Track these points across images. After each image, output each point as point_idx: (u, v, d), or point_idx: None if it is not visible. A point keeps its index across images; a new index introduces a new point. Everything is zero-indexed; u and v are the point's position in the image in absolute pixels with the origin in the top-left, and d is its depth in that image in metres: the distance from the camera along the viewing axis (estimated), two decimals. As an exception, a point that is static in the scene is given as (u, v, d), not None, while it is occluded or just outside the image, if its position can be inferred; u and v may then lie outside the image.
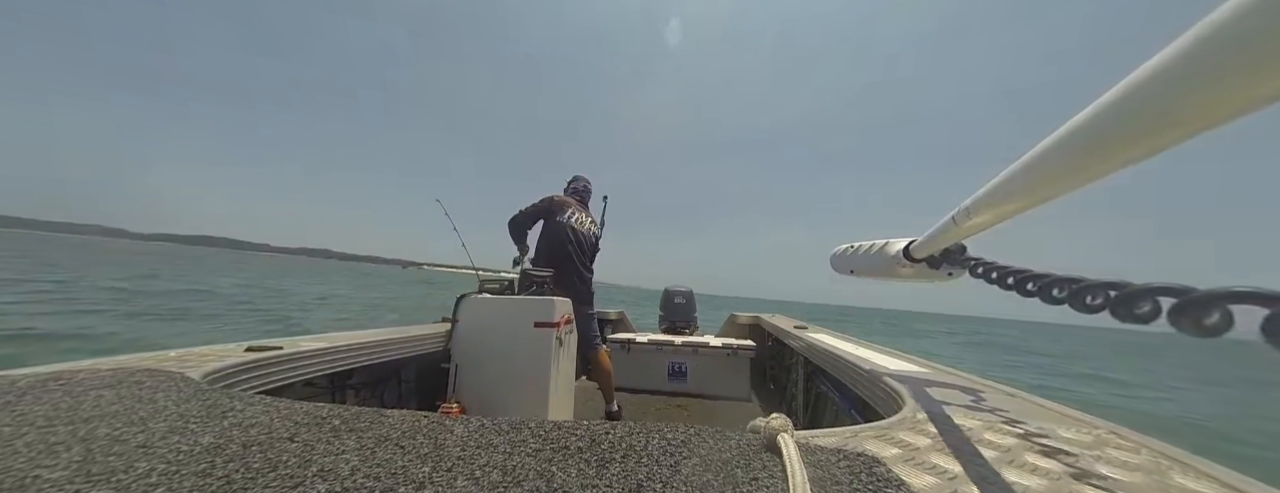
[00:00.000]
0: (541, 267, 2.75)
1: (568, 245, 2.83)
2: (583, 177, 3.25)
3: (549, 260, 2.79)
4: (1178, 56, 0.33)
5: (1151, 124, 0.38)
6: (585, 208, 3.11)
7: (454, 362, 2.17)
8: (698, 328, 4.80)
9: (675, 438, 0.79)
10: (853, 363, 1.76)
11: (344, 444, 0.73)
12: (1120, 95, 0.40)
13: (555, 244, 2.83)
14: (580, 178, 3.24)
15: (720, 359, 3.59)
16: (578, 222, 2.92)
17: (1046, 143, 0.51)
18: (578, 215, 2.94)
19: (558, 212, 2.88)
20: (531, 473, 0.65)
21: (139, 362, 1.19)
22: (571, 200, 3.00)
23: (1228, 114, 0.33)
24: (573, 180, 3.24)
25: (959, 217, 0.83)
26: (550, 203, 2.91)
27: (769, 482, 0.64)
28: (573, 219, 2.89)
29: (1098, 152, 0.45)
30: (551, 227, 2.88)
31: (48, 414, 0.78)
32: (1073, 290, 0.54)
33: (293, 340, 1.64)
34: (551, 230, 2.87)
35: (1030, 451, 0.85)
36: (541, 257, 2.85)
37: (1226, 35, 0.30)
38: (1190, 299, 0.37)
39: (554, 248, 2.82)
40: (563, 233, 2.84)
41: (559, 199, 2.95)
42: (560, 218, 2.87)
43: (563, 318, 2.28)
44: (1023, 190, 0.61)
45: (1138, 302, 0.43)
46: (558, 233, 2.84)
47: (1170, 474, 0.77)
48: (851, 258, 1.53)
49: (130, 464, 0.62)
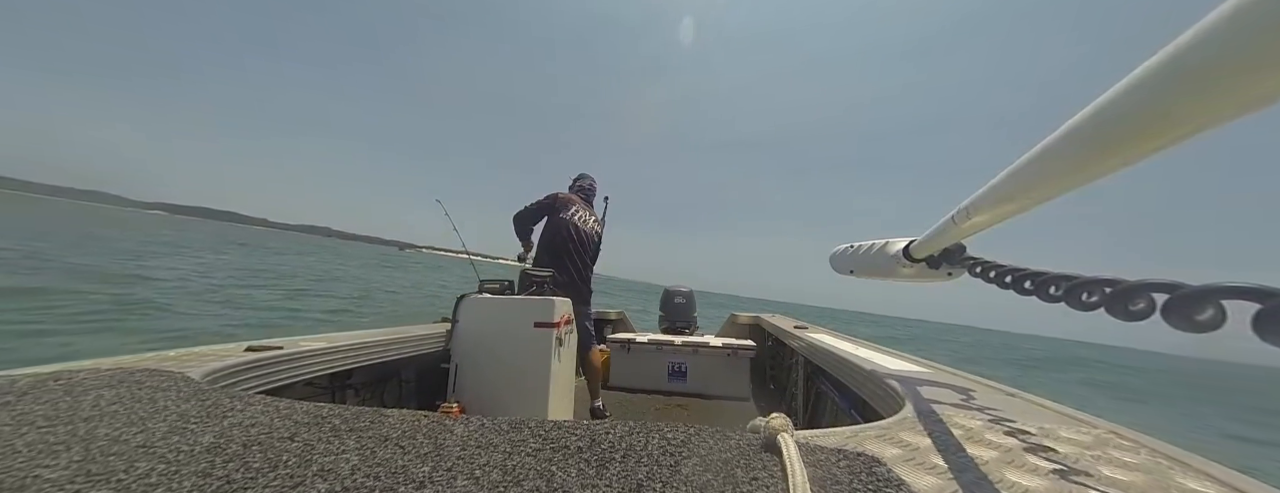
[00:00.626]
0: (543, 263, 2.76)
1: (569, 242, 2.84)
2: (588, 175, 3.24)
3: (550, 257, 2.81)
4: (1177, 56, 0.33)
5: (1151, 124, 0.38)
6: (589, 206, 3.11)
7: (454, 362, 2.16)
8: (698, 328, 4.80)
9: (675, 438, 0.79)
10: (853, 363, 1.76)
11: (344, 444, 0.73)
12: (1120, 95, 0.40)
13: (557, 241, 2.84)
14: (585, 176, 3.23)
15: (720, 359, 3.59)
16: (581, 219, 2.92)
17: (1045, 143, 0.52)
18: (581, 213, 2.95)
19: (562, 208, 2.89)
20: (531, 473, 0.65)
21: (139, 362, 1.19)
22: (575, 198, 3.01)
23: (1227, 114, 0.33)
24: (578, 178, 3.24)
25: (958, 217, 0.83)
26: (554, 199, 2.92)
27: (769, 482, 0.64)
28: (576, 217, 2.90)
29: (1097, 152, 0.45)
30: (554, 223, 2.89)
31: (48, 414, 0.78)
32: (1068, 288, 0.55)
33: (293, 340, 1.64)
34: (554, 226, 2.89)
35: (1030, 451, 0.85)
36: (543, 252, 2.87)
37: (1226, 35, 0.30)
38: (1183, 295, 0.37)
39: (556, 245, 2.84)
40: (565, 230, 2.85)
41: (563, 196, 2.95)
42: (563, 215, 2.88)
43: (563, 318, 2.28)
44: (1022, 190, 0.61)
45: (1132, 298, 0.43)
46: (560, 230, 2.86)
47: (1170, 474, 0.77)
48: (851, 258, 1.53)
49: (130, 464, 0.62)
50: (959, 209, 0.83)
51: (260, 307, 9.49)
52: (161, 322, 6.82)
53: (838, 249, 1.65)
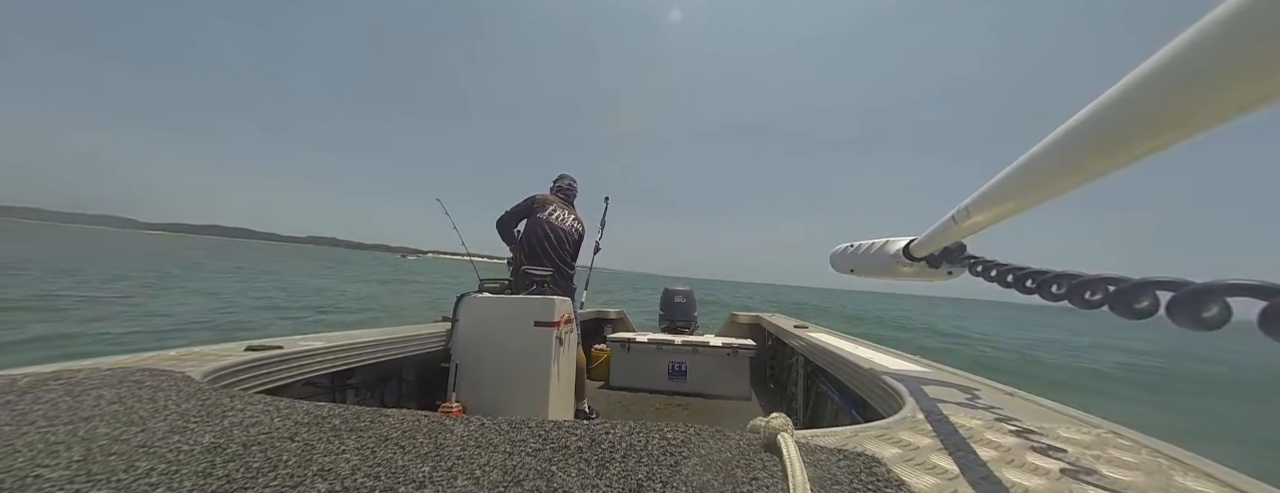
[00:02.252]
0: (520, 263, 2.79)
1: (545, 241, 2.92)
2: (568, 175, 3.34)
3: (527, 256, 2.90)
4: (1177, 56, 0.33)
5: (1151, 124, 0.38)
6: (568, 205, 3.19)
7: (454, 361, 2.17)
8: (698, 327, 4.80)
9: (675, 438, 0.79)
10: (853, 362, 1.76)
11: (344, 444, 0.73)
12: (1120, 94, 0.40)
13: (532, 240, 2.93)
14: (565, 176, 3.33)
15: (720, 359, 3.59)
16: (557, 218, 3.00)
17: (1046, 142, 0.51)
18: (559, 213, 3.03)
19: (539, 209, 2.98)
20: (531, 473, 0.65)
21: (139, 361, 1.19)
22: (554, 198, 3.09)
23: (1227, 114, 0.33)
24: (558, 179, 3.32)
25: (959, 215, 0.83)
26: (532, 201, 3.02)
27: (769, 482, 0.64)
28: (552, 216, 2.98)
29: (1097, 151, 0.45)
30: (531, 223, 2.98)
31: (48, 414, 0.78)
32: (1071, 286, 0.55)
33: (293, 340, 1.64)
34: (530, 227, 2.98)
35: (1030, 450, 0.85)
36: (521, 252, 2.95)
37: (1226, 35, 0.29)
38: (1188, 293, 0.37)
39: (532, 244, 2.93)
40: (540, 229, 2.94)
41: (541, 198, 3.05)
42: (540, 215, 2.96)
43: (563, 317, 2.28)
44: (1022, 189, 0.61)
45: (1136, 296, 0.43)
46: (536, 229, 2.95)
47: (1170, 474, 0.77)
48: (851, 257, 1.53)
49: (131, 464, 0.62)
50: (959, 208, 0.83)
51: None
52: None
53: (837, 248, 1.65)
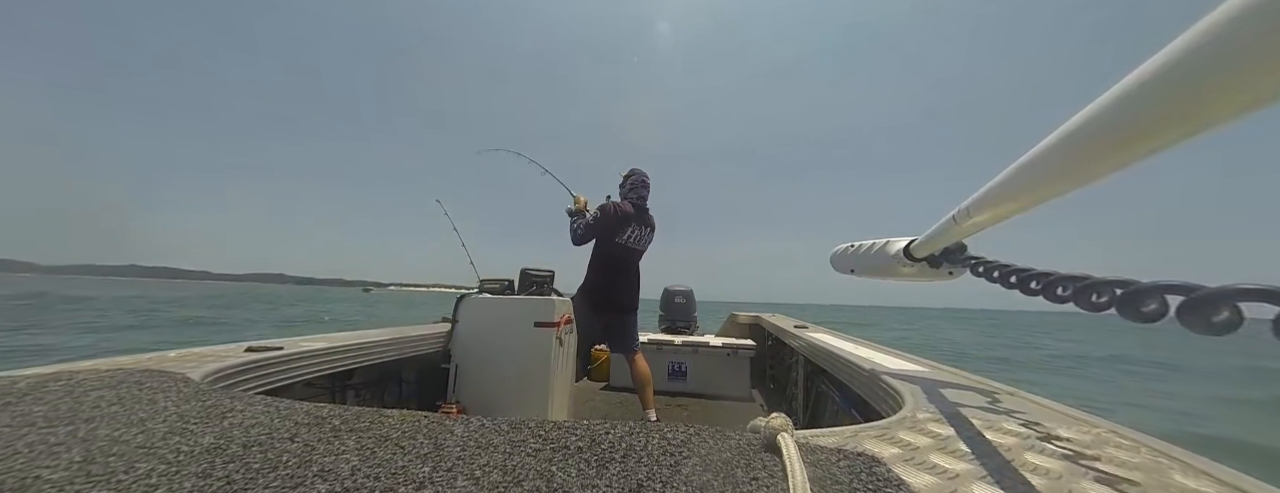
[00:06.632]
0: (598, 281, 2.68)
1: (623, 263, 2.73)
2: (639, 171, 2.80)
3: (604, 275, 2.70)
4: (1177, 57, 0.33)
5: (1151, 125, 0.38)
6: (644, 218, 2.76)
7: (454, 362, 2.17)
8: (698, 327, 4.79)
9: (675, 438, 0.79)
10: (853, 362, 1.75)
11: (344, 444, 0.73)
12: (1120, 96, 0.40)
13: (610, 265, 2.71)
14: (636, 172, 2.79)
15: (720, 359, 3.59)
16: (635, 240, 2.72)
17: (1046, 143, 0.51)
18: (636, 232, 2.71)
19: (618, 231, 2.65)
20: (531, 473, 0.65)
21: (139, 362, 1.19)
22: (630, 212, 2.67)
23: (1227, 114, 0.33)
24: (629, 175, 2.80)
25: (959, 216, 0.83)
26: (609, 220, 2.63)
27: (769, 482, 0.64)
28: (630, 238, 2.69)
29: (1097, 152, 0.45)
30: (607, 248, 2.68)
31: (48, 415, 0.78)
32: (1078, 289, 0.54)
33: (293, 341, 1.64)
34: (607, 252, 2.68)
35: (1030, 450, 0.85)
36: (596, 276, 2.72)
37: (1226, 36, 0.29)
38: (1199, 297, 0.37)
39: (609, 270, 2.72)
40: (618, 251, 2.69)
41: (618, 213, 2.64)
42: (618, 239, 2.66)
43: (563, 318, 2.27)
44: (1022, 190, 0.61)
45: (1144, 299, 0.43)
46: (614, 255, 2.69)
47: (1170, 474, 0.77)
48: (852, 257, 1.53)
49: (131, 465, 0.62)
50: (959, 209, 0.83)
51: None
52: None
53: (838, 249, 1.65)
